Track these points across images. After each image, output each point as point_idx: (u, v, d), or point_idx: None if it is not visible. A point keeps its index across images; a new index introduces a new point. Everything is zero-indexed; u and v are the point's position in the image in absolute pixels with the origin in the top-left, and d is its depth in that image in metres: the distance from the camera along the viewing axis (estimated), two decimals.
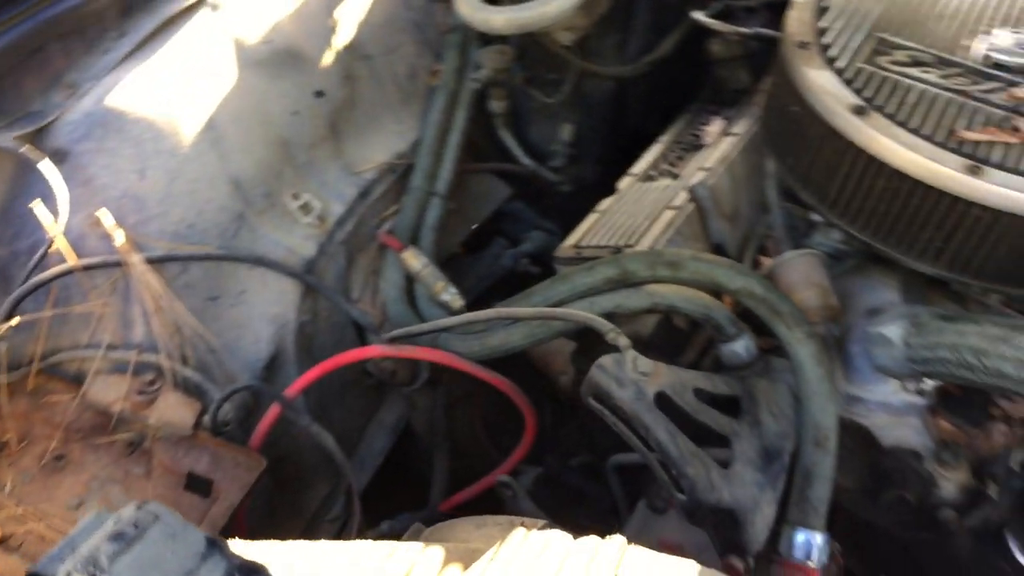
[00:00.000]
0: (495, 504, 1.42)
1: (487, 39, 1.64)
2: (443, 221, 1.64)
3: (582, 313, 1.12)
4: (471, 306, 1.71)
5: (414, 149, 1.62)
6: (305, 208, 1.42)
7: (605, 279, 1.19)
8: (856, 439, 1.20)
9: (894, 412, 1.19)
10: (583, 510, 1.55)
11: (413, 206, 1.61)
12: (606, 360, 1.03)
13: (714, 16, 1.71)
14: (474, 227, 1.81)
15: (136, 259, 1.19)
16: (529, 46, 1.70)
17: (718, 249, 1.43)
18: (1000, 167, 0.97)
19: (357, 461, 1.60)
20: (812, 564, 1.07)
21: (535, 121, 1.89)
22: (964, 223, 0.99)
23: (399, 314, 1.48)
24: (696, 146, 1.53)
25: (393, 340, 1.32)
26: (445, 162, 1.67)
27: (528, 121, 1.90)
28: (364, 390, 1.59)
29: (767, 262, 1.34)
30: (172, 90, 1.30)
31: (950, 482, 1.14)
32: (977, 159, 0.98)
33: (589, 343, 1.37)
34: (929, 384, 1.13)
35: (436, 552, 0.74)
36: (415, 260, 1.49)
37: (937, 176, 0.97)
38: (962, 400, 1.19)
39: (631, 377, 1.03)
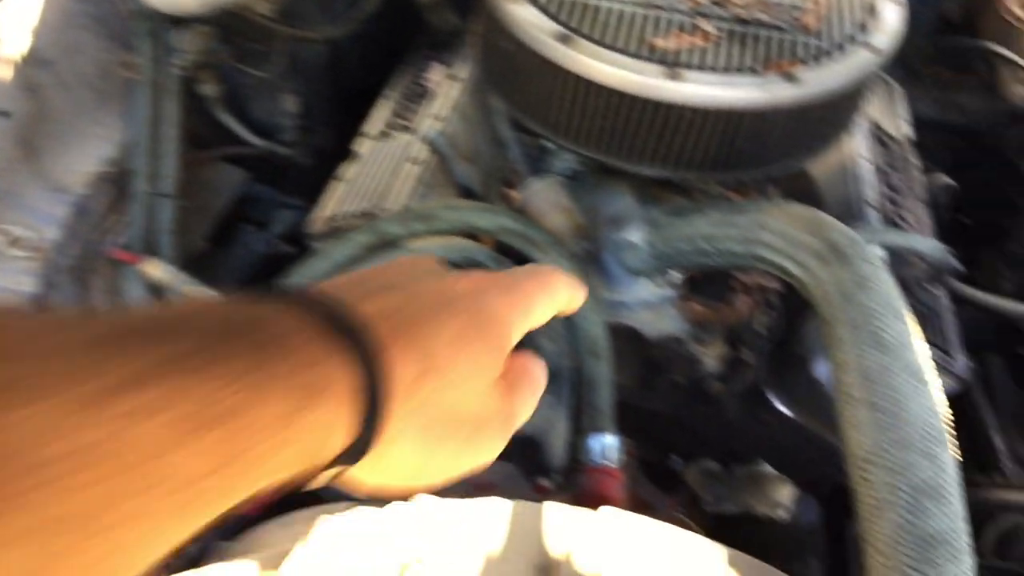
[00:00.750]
0: (304, 495, 1.38)
1: (181, 20, 1.53)
2: (178, 222, 1.54)
3: None
4: None
5: (126, 153, 1.49)
6: (15, 242, 1.27)
7: (363, 246, 1.18)
8: (626, 339, 1.29)
9: (653, 307, 1.30)
10: None
11: (142, 213, 1.49)
12: None
13: None
14: (215, 219, 1.71)
15: None
16: (230, 21, 1.60)
17: (466, 192, 1.45)
18: (694, 68, 1.06)
19: None
20: (611, 464, 1.15)
21: (255, 97, 1.80)
22: (673, 124, 1.07)
23: None
24: (423, 96, 1.53)
25: None
26: (165, 159, 1.57)
27: (248, 98, 1.81)
28: None
29: (514, 194, 1.38)
30: None
31: (710, 357, 1.26)
32: (674, 64, 1.06)
33: None
34: (676, 276, 1.23)
35: (245, 570, 0.71)
36: (156, 270, 1.39)
37: (641, 86, 1.04)
38: (707, 282, 1.31)
39: None
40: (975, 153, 1.96)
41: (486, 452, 0.52)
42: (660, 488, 1.30)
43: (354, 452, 0.42)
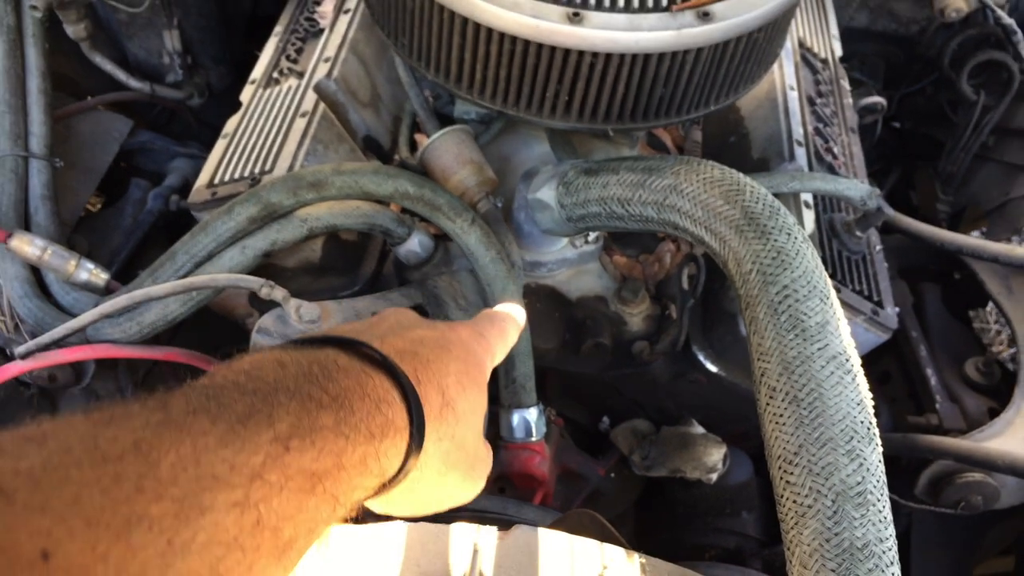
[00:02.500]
0: None
1: None
2: (54, 185, 1.39)
3: (223, 276, 0.99)
4: (127, 266, 1.50)
5: None
6: None
7: (248, 219, 1.06)
8: (547, 300, 1.21)
9: (573, 264, 1.21)
10: None
11: (9, 179, 1.34)
12: (267, 321, 0.93)
13: None
14: (99, 177, 1.56)
15: None
16: None
17: (369, 141, 1.33)
18: (598, 8, 0.94)
19: None
20: (533, 439, 1.09)
21: (133, 35, 1.62)
22: (579, 73, 0.96)
23: (33, 311, 1.25)
24: (314, 32, 1.38)
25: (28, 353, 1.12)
26: (32, 114, 1.40)
27: (125, 37, 1.64)
28: (28, 400, 1.38)
29: (423, 140, 1.27)
30: None
31: (635, 316, 1.19)
32: (575, 4, 0.94)
33: (268, 273, 1.25)
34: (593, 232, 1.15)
35: None
36: (29, 246, 1.24)
37: (540, 33, 0.92)
38: (630, 232, 1.23)
39: (299, 329, 0.94)
40: (910, 62, 1.87)
41: (478, 484, 0.59)
42: (590, 452, 1.25)
43: (395, 479, 0.48)
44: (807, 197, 1.16)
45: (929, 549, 1.35)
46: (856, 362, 0.75)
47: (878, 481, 0.70)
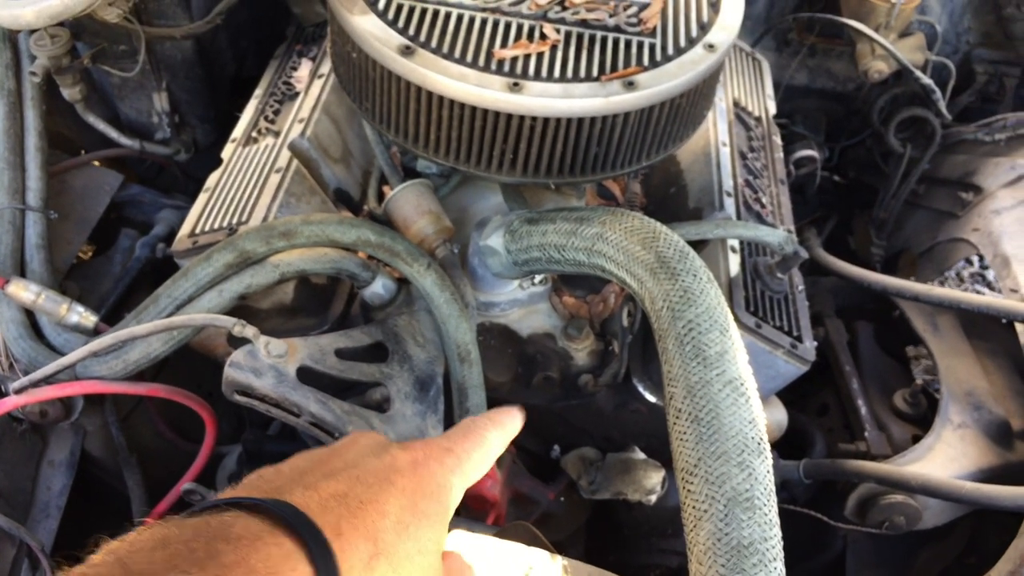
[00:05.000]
0: None
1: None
2: (49, 235, 1.50)
3: (200, 316, 1.10)
4: (115, 310, 1.61)
5: None
6: None
7: (225, 265, 1.17)
8: (500, 338, 1.32)
9: (524, 305, 1.33)
10: None
11: (7, 230, 1.45)
12: (238, 356, 1.03)
13: None
14: (91, 227, 1.67)
15: None
16: (85, 22, 1.55)
17: (340, 193, 1.45)
18: (536, 78, 1.07)
19: (39, 508, 1.49)
20: None
21: (125, 97, 1.75)
22: (521, 134, 1.08)
23: (26, 352, 1.35)
24: (290, 95, 1.51)
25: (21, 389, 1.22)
26: (30, 170, 1.52)
27: (117, 98, 1.76)
28: (19, 437, 1.47)
29: (390, 192, 1.38)
30: None
31: (581, 351, 1.30)
32: (516, 75, 1.06)
33: (244, 314, 1.36)
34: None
35: None
36: (24, 291, 1.35)
37: (485, 100, 1.05)
38: (578, 275, 1.34)
39: (268, 363, 1.04)
40: (849, 117, 2.02)
41: None
42: (542, 478, 1.34)
43: None
44: (733, 243, 1.28)
45: (863, 570, 1.45)
46: (751, 385, 0.86)
47: (765, 488, 0.80)
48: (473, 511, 1.19)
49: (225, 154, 1.44)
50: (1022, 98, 1.95)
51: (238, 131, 1.47)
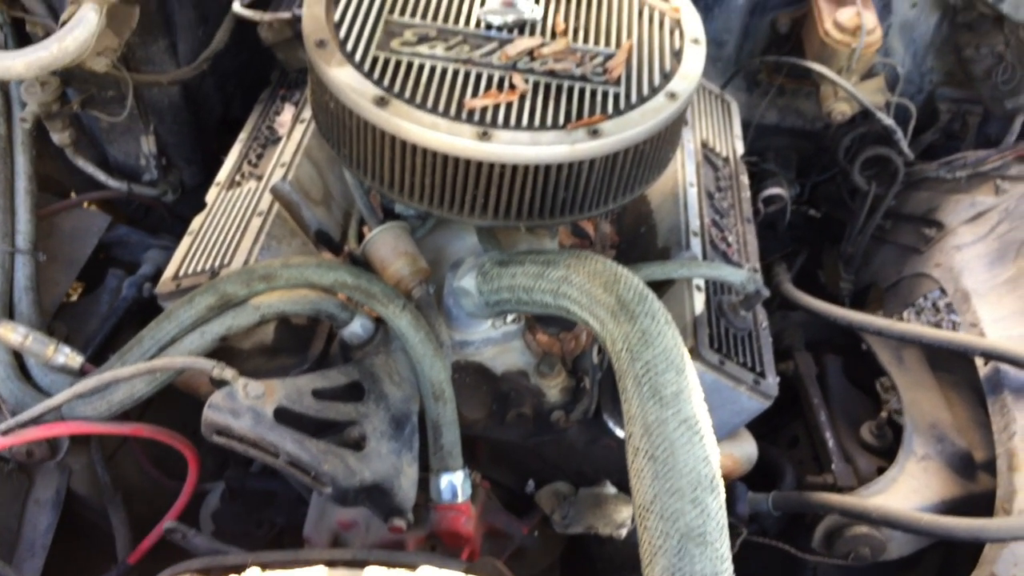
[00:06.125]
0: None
1: None
2: (37, 277, 1.54)
3: (180, 359, 1.14)
4: (102, 349, 1.64)
5: None
6: None
7: (207, 307, 1.21)
8: (475, 375, 1.36)
9: (498, 343, 1.36)
10: (275, 508, 1.61)
11: None
12: (216, 397, 1.07)
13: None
14: (79, 268, 1.71)
15: None
16: (75, 70, 1.60)
17: (320, 235, 1.49)
18: (505, 127, 1.11)
19: (25, 548, 1.51)
20: (459, 500, 1.22)
21: (113, 140, 1.80)
22: (491, 180, 1.13)
23: (14, 393, 1.39)
24: (273, 139, 1.56)
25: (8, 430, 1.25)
26: (19, 213, 1.56)
27: (106, 141, 1.81)
28: (6, 476, 1.50)
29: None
30: None
31: (553, 388, 1.33)
32: (485, 124, 1.11)
33: (226, 355, 1.39)
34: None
35: None
36: (12, 333, 1.38)
37: (456, 149, 1.09)
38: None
39: (246, 404, 1.07)
40: (819, 154, 2.08)
41: None
42: (517, 512, 1.38)
43: None
44: (699, 282, 1.33)
45: None
46: (706, 424, 0.90)
47: (718, 524, 0.84)
48: (448, 547, 1.22)
49: (209, 197, 1.48)
50: (986, 135, 2.01)
51: (222, 175, 1.52)
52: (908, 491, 1.36)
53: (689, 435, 0.88)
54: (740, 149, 1.67)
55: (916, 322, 1.60)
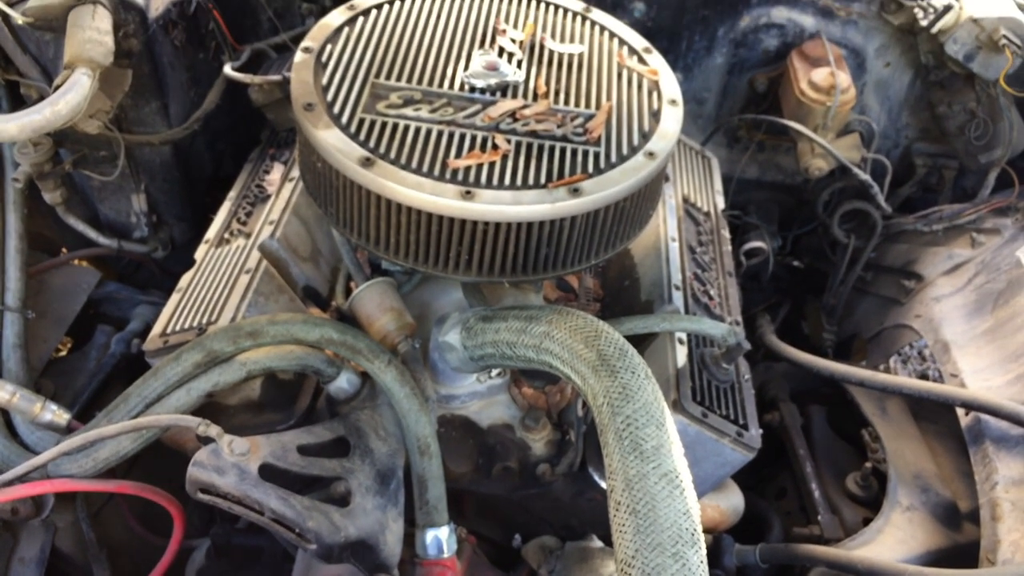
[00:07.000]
0: None
1: None
2: (26, 334, 1.55)
3: (166, 416, 1.15)
4: (89, 405, 1.64)
5: None
6: None
7: (193, 364, 1.22)
8: (461, 429, 1.37)
9: (484, 397, 1.38)
10: (261, 564, 1.60)
11: None
12: (202, 455, 1.07)
13: (247, 61, 1.76)
14: (68, 325, 1.72)
15: None
16: (67, 131, 1.63)
17: (308, 290, 1.51)
18: (488, 186, 1.14)
19: None
20: (445, 555, 1.22)
21: (104, 198, 1.82)
22: (475, 237, 1.15)
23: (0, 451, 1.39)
24: (262, 197, 1.59)
25: None
26: (9, 272, 1.58)
27: (97, 199, 1.83)
28: None
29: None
30: None
31: (538, 442, 1.34)
32: (468, 184, 1.14)
33: (212, 411, 1.40)
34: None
35: None
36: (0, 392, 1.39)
37: (440, 207, 1.12)
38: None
39: (230, 462, 1.08)
40: (801, 207, 2.12)
41: None
42: (503, 567, 1.37)
43: None
44: (681, 335, 1.35)
45: None
46: (686, 478, 0.91)
47: None
48: None
49: (198, 255, 1.50)
50: (963, 188, 2.06)
51: (211, 232, 1.54)
52: (894, 542, 1.36)
53: (670, 489, 0.89)
54: (721, 204, 1.70)
55: (903, 370, 1.62)
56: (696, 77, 2.01)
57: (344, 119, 1.22)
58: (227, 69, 1.63)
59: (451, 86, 1.29)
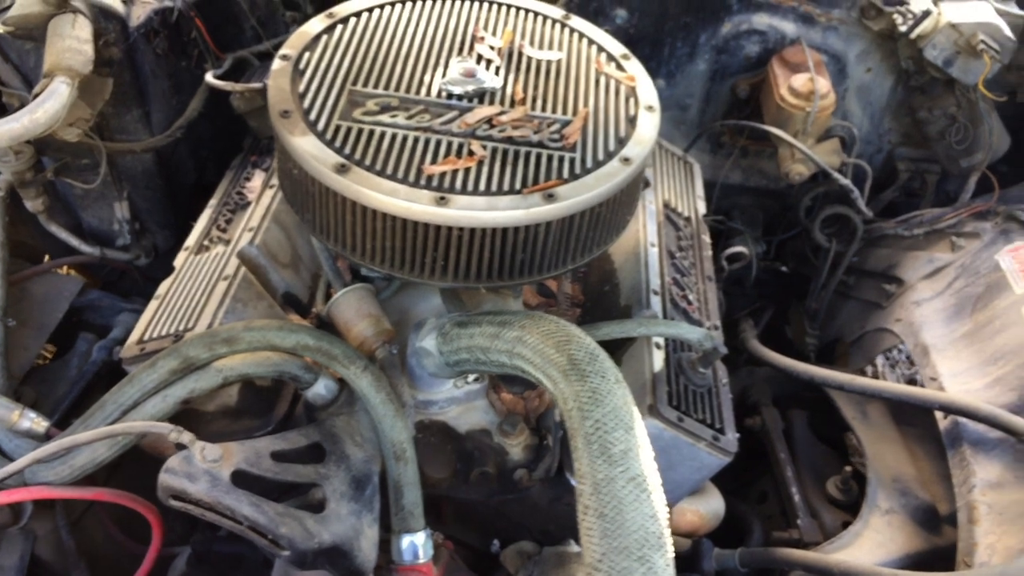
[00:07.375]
0: None
1: None
2: (7, 342, 1.55)
3: (140, 423, 1.15)
4: (70, 413, 1.64)
5: None
6: None
7: (169, 371, 1.22)
8: (439, 435, 1.37)
9: (461, 402, 1.38)
10: (242, 572, 1.59)
11: None
12: (173, 461, 1.07)
13: (229, 69, 1.77)
14: (49, 333, 1.72)
15: None
16: (48, 139, 1.63)
17: (288, 297, 1.51)
18: (462, 192, 1.15)
19: None
20: (421, 561, 1.22)
21: (87, 206, 1.83)
22: (450, 243, 1.15)
23: None
24: (243, 204, 1.59)
25: None
26: None
27: (80, 207, 1.84)
28: None
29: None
30: None
31: (516, 447, 1.34)
32: (443, 190, 1.14)
33: (190, 417, 1.40)
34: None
35: None
36: None
37: (414, 214, 1.12)
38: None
39: (202, 468, 1.08)
40: (785, 212, 2.13)
41: None
42: (481, 573, 1.37)
43: None
44: (658, 340, 1.35)
45: None
46: (654, 482, 0.91)
47: None
48: None
49: (177, 262, 1.50)
50: (945, 192, 2.07)
51: (191, 240, 1.54)
52: (872, 545, 1.36)
53: (637, 493, 0.89)
54: (702, 209, 1.71)
55: (889, 373, 1.62)
56: (679, 83, 2.02)
57: (320, 126, 1.22)
58: (209, 77, 1.63)
59: (428, 93, 1.30)
